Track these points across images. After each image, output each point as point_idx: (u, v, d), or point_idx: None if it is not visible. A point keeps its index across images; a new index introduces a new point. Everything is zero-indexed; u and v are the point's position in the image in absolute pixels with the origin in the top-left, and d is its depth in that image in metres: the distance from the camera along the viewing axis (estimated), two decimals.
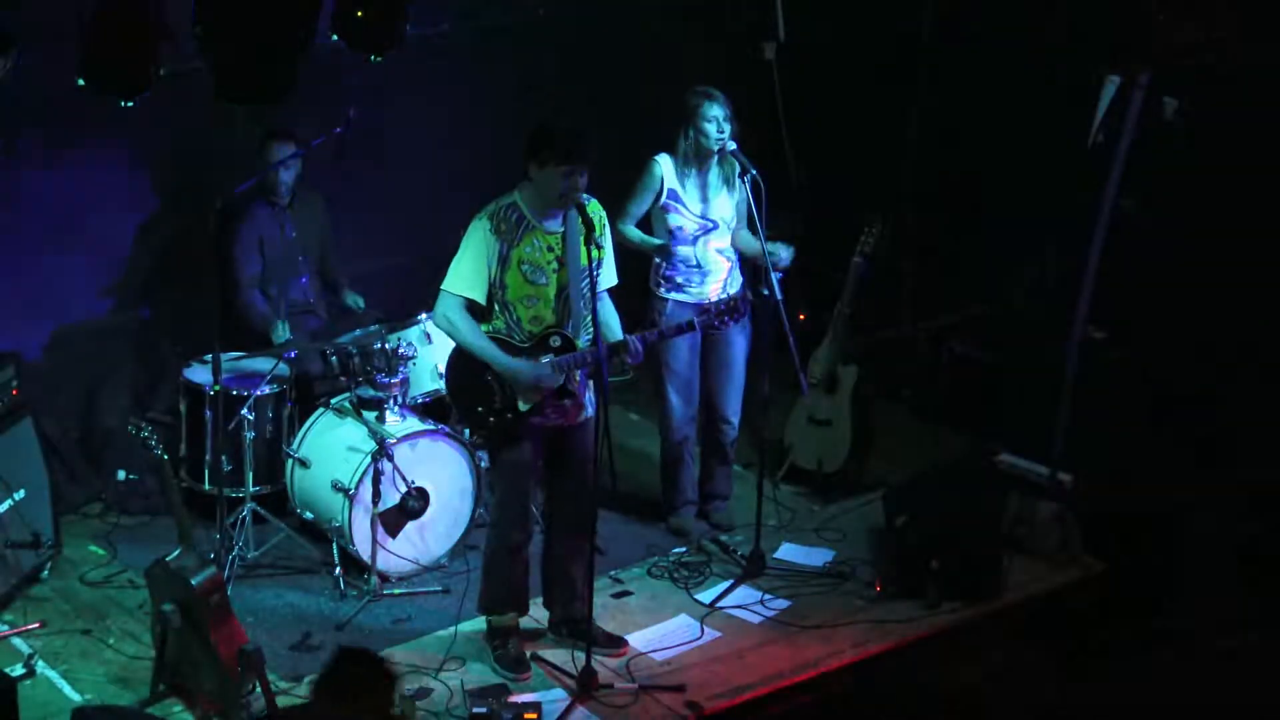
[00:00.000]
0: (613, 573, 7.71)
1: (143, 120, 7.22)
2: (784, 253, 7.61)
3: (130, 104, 6.62)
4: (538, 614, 7.26)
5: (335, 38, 7.04)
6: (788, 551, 7.96)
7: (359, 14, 6.99)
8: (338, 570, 7.57)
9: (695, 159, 7.67)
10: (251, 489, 7.68)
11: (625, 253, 7.32)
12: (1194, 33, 8.11)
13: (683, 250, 7.74)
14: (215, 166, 8.20)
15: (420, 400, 7.87)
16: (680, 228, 7.72)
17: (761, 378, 7.69)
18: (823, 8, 9.28)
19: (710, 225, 7.73)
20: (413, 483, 7.48)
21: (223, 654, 6.50)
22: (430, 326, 7.75)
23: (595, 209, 6.80)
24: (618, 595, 7.60)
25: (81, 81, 6.55)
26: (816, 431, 8.51)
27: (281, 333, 7.96)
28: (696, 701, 6.87)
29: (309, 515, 7.72)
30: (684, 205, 7.71)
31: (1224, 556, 7.81)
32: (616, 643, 7.15)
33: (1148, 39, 8.15)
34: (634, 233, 7.75)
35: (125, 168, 8.12)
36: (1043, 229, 8.91)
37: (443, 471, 7.62)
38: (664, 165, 7.70)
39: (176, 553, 6.68)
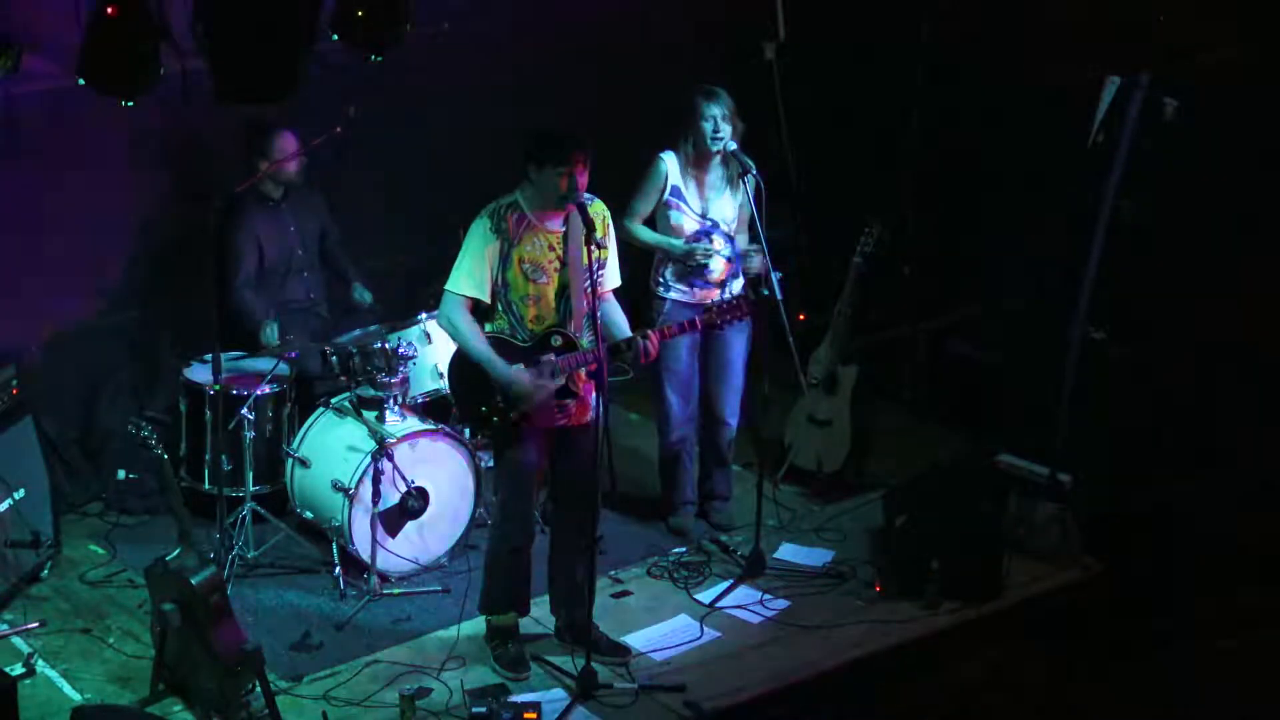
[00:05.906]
0: (613, 573, 7.71)
1: (143, 120, 7.21)
2: (760, 265, 7.53)
3: (130, 104, 6.62)
4: (538, 614, 7.26)
5: (335, 37, 7.03)
6: (788, 551, 7.96)
7: (359, 14, 6.99)
8: (337, 570, 7.57)
9: (698, 159, 7.67)
10: (251, 488, 7.68)
11: (627, 252, 7.31)
12: (1194, 33, 8.11)
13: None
14: (215, 166, 8.20)
15: (420, 400, 7.87)
16: (682, 226, 7.72)
17: (761, 378, 7.69)
18: (823, 8, 9.27)
19: (710, 225, 7.73)
20: (413, 482, 7.48)
21: (222, 654, 6.51)
22: (430, 326, 7.75)
23: (599, 209, 6.79)
24: (618, 595, 7.60)
25: (81, 81, 6.55)
26: (816, 431, 8.51)
27: (270, 334, 7.88)
28: (696, 702, 6.87)
29: (309, 515, 7.72)
30: (686, 204, 7.71)
31: (1223, 556, 7.80)
32: (621, 651, 7.13)
33: (1148, 39, 8.15)
34: (643, 231, 7.75)
35: (125, 168, 8.12)
36: (1042, 230, 8.90)
37: (443, 471, 7.61)
38: (669, 163, 7.69)
39: (176, 552, 6.69)
